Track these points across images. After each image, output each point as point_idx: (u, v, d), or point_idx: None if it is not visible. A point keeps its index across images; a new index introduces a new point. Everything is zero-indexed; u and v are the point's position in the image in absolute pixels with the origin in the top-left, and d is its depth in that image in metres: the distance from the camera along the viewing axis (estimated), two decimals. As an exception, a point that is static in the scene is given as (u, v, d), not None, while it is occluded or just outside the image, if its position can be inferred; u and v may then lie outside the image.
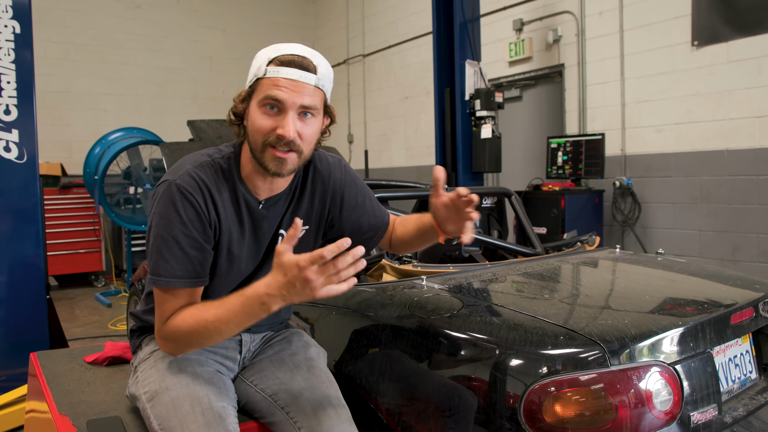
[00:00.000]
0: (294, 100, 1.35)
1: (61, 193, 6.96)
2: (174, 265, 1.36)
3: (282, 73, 1.35)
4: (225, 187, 1.45)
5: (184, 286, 1.38)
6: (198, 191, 1.39)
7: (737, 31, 4.63)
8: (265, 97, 1.35)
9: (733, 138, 4.73)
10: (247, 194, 1.48)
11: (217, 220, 1.43)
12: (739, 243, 4.77)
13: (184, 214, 1.37)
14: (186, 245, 1.37)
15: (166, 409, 1.36)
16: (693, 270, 2.24)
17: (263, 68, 1.37)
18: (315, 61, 1.40)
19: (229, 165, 1.47)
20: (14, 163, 3.28)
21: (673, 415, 1.46)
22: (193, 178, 1.40)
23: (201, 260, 1.40)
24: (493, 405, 1.44)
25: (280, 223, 1.56)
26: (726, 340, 1.68)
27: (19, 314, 3.32)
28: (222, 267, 1.49)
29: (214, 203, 1.42)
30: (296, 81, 1.36)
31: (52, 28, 7.73)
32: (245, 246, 1.51)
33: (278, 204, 1.54)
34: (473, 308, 1.70)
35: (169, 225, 1.37)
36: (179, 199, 1.37)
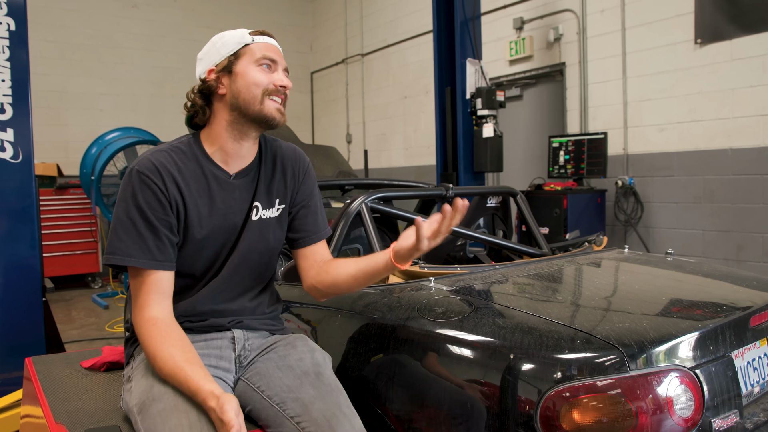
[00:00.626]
0: (281, 60, 1.61)
1: (57, 194, 6.89)
2: (129, 244, 1.45)
3: (266, 40, 1.60)
4: (187, 166, 1.54)
5: (138, 265, 1.45)
6: (156, 173, 1.48)
7: (741, 29, 4.58)
8: (263, 57, 1.56)
9: (737, 137, 4.69)
10: (215, 169, 1.58)
11: (181, 198, 1.51)
12: (743, 243, 4.73)
13: (140, 197, 1.46)
14: (141, 226, 1.45)
15: (154, 422, 1.33)
16: (706, 271, 2.19)
17: (247, 37, 1.57)
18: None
19: (189, 147, 1.58)
20: (9, 163, 3.22)
21: (694, 421, 1.41)
22: (152, 162, 1.49)
23: (157, 242, 1.46)
24: (506, 412, 1.39)
25: (254, 194, 1.63)
26: (745, 343, 1.63)
27: (14, 317, 3.25)
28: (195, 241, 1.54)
29: (176, 182, 1.50)
30: (276, 46, 1.62)
31: (48, 27, 7.66)
32: (218, 217, 1.56)
33: (249, 175, 1.63)
34: (484, 311, 1.65)
35: (126, 207, 1.47)
36: (137, 183, 1.47)
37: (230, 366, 1.58)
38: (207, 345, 1.58)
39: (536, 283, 1.96)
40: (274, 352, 1.61)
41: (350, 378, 1.68)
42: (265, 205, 1.65)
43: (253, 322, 1.67)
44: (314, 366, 1.54)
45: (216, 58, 1.57)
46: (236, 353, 1.61)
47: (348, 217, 2.28)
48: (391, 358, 1.63)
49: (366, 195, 2.36)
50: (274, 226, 1.68)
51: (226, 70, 1.56)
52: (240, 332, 1.63)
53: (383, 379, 1.62)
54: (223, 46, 1.58)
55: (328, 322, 1.92)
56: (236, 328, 1.63)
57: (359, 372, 1.68)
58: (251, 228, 1.62)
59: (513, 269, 2.12)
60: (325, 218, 1.81)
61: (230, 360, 1.59)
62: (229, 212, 1.59)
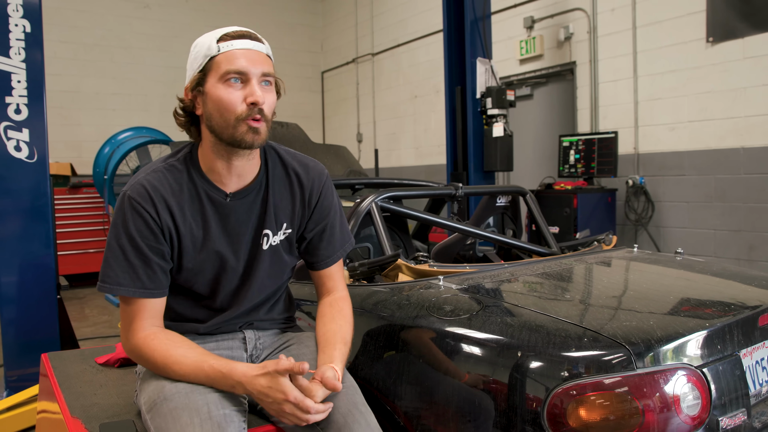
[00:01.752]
0: (255, 68, 1.39)
1: (71, 193, 6.97)
2: (119, 273, 1.40)
3: (236, 45, 1.38)
4: (182, 188, 1.46)
5: (128, 294, 1.40)
6: (147, 199, 1.41)
7: (753, 27, 4.56)
8: (228, 71, 1.37)
9: (749, 136, 4.66)
10: (210, 189, 1.48)
11: (173, 225, 1.44)
12: (755, 242, 4.70)
13: (132, 225, 1.40)
14: (131, 255, 1.40)
15: (164, 420, 1.33)
16: (715, 270, 2.19)
17: (213, 46, 1.38)
18: (258, 36, 1.45)
19: (185, 163, 1.48)
20: (25, 163, 3.27)
21: (701, 419, 1.41)
22: (144, 187, 1.42)
23: (147, 271, 1.41)
24: (514, 409, 1.40)
25: (262, 220, 1.54)
26: (754, 342, 1.63)
27: (29, 314, 3.31)
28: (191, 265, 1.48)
29: (169, 208, 1.43)
30: (251, 50, 1.39)
31: (61, 28, 7.75)
32: (212, 242, 1.49)
33: (249, 197, 1.52)
34: (492, 309, 1.66)
35: (117, 234, 1.41)
36: (128, 210, 1.40)
37: None
38: (218, 345, 1.59)
39: (545, 282, 1.97)
40: (287, 350, 1.63)
41: (360, 375, 1.70)
42: (273, 230, 1.56)
43: (264, 323, 1.68)
44: None
45: (190, 72, 1.43)
46: (248, 353, 1.63)
47: (358, 216, 2.30)
48: (400, 356, 1.65)
49: (376, 194, 2.38)
50: (285, 249, 1.60)
51: (197, 89, 1.42)
52: (251, 332, 1.65)
53: (392, 376, 1.63)
54: (195, 59, 1.42)
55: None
56: (247, 329, 1.64)
57: (369, 369, 1.70)
58: (263, 258, 1.56)
59: (521, 268, 2.13)
60: (344, 232, 1.68)
61: (242, 359, 1.60)
62: (228, 237, 1.51)
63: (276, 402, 1.29)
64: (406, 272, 2.08)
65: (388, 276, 2.12)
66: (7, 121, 3.21)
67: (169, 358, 1.38)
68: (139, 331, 1.42)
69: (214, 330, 1.60)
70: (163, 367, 1.39)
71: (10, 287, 3.26)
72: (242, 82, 1.38)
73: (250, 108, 1.38)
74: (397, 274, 2.08)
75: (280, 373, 1.28)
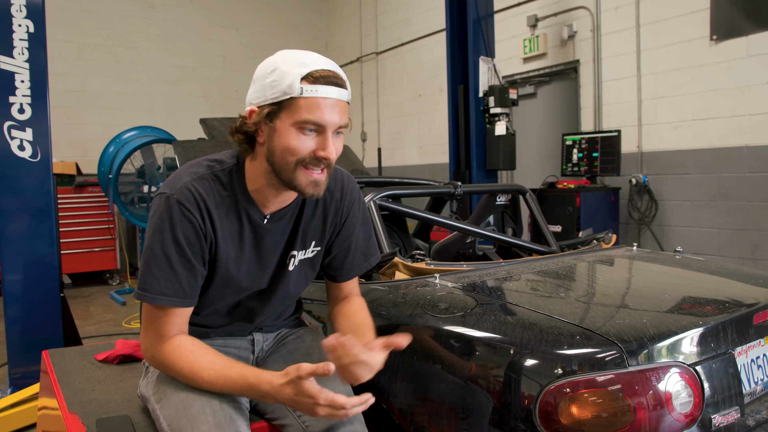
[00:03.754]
0: (334, 121, 1.31)
1: (76, 192, 7.00)
2: (161, 282, 1.34)
3: (321, 92, 1.29)
4: (224, 201, 1.40)
5: (169, 304, 1.35)
6: (195, 206, 1.35)
7: (757, 25, 4.54)
8: (306, 121, 1.28)
9: (753, 134, 4.64)
10: (251, 208, 1.44)
11: (213, 235, 1.39)
12: (759, 241, 4.68)
13: (179, 231, 1.34)
14: (176, 263, 1.34)
15: (175, 409, 1.34)
16: (713, 268, 2.19)
17: (296, 86, 1.27)
18: (342, 75, 1.36)
19: (231, 178, 1.42)
20: (28, 162, 3.29)
21: (693, 417, 1.42)
22: (191, 192, 1.35)
23: (190, 280, 1.37)
24: (507, 406, 1.41)
25: (292, 241, 1.51)
26: (748, 340, 1.63)
27: (33, 312, 3.34)
28: (218, 282, 1.45)
29: (211, 218, 1.38)
30: (336, 100, 1.31)
31: (66, 28, 7.79)
32: (244, 261, 1.46)
33: (284, 219, 1.49)
34: (487, 307, 1.67)
35: (162, 240, 1.34)
36: (176, 215, 1.33)
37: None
38: (226, 343, 1.61)
39: (541, 280, 1.98)
40: (284, 345, 1.65)
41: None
42: (300, 249, 1.54)
43: (272, 327, 1.69)
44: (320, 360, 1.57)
45: (262, 96, 1.32)
46: (255, 354, 1.65)
47: (356, 214, 2.31)
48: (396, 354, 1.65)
49: (375, 193, 2.39)
50: (309, 266, 1.59)
51: (267, 120, 1.32)
52: (260, 335, 1.66)
53: (387, 373, 1.64)
54: (272, 85, 1.30)
55: (335, 317, 1.94)
56: (256, 332, 1.66)
57: (364, 366, 1.71)
58: (287, 277, 1.54)
59: (519, 266, 2.13)
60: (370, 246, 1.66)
61: (248, 360, 1.62)
62: (260, 257, 1.48)
63: (309, 407, 1.26)
64: (403, 270, 2.09)
65: (385, 274, 2.13)
66: (10, 120, 3.23)
67: (195, 366, 1.34)
68: (165, 338, 1.38)
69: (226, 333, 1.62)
70: (191, 374, 1.35)
71: (14, 285, 3.29)
72: (317, 132, 1.32)
73: (317, 160, 1.32)
74: (394, 272, 2.09)
75: (303, 378, 1.24)
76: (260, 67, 1.35)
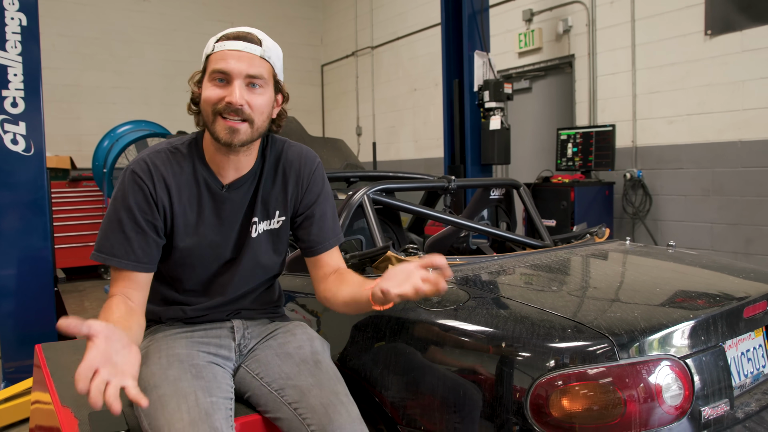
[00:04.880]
0: (239, 69, 1.42)
1: (70, 186, 6.97)
2: (114, 244, 1.44)
3: (228, 45, 1.44)
4: (183, 171, 1.51)
5: (120, 266, 1.44)
6: (148, 174, 1.46)
7: (752, 20, 4.54)
8: (213, 71, 1.43)
9: (747, 129, 4.66)
10: (209, 177, 1.53)
11: (170, 203, 1.49)
12: (752, 236, 4.70)
13: (131, 197, 1.45)
14: (128, 227, 1.44)
15: (153, 407, 1.35)
16: (704, 262, 2.20)
17: (211, 45, 1.46)
18: (260, 36, 1.48)
19: (189, 149, 1.54)
20: (21, 156, 3.28)
21: (683, 409, 1.43)
22: (146, 163, 1.48)
23: (141, 244, 1.45)
24: (499, 399, 1.42)
25: (252, 208, 1.58)
26: (739, 333, 1.64)
27: (27, 307, 3.33)
28: (180, 251, 1.52)
29: (167, 187, 1.48)
30: (240, 51, 1.43)
31: (61, 21, 7.75)
32: (204, 228, 1.54)
33: (243, 187, 1.56)
34: (479, 300, 1.67)
35: (116, 206, 1.46)
36: (129, 183, 1.46)
37: (230, 354, 1.61)
38: (206, 334, 1.61)
39: (534, 274, 1.98)
40: (274, 339, 1.65)
41: (347, 365, 1.71)
42: (262, 218, 1.60)
43: (252, 312, 1.70)
44: (313, 354, 1.58)
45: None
46: (236, 342, 1.64)
47: (350, 208, 2.31)
48: (388, 347, 1.67)
49: (368, 187, 2.39)
50: (276, 237, 1.64)
51: (198, 84, 1.49)
52: (239, 322, 1.66)
53: (380, 366, 1.65)
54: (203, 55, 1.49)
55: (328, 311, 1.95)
56: (235, 319, 1.66)
57: (356, 360, 1.71)
58: (252, 245, 1.59)
59: (511, 260, 2.14)
60: (336, 224, 1.71)
61: (230, 348, 1.62)
62: (220, 225, 1.55)
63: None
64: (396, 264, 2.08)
65: (379, 268, 2.13)
66: (3, 114, 3.22)
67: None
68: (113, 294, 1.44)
69: (202, 317, 1.62)
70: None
71: (7, 280, 3.28)
72: (226, 81, 1.43)
73: (226, 106, 1.42)
74: (387, 266, 2.09)
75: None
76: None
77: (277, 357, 1.57)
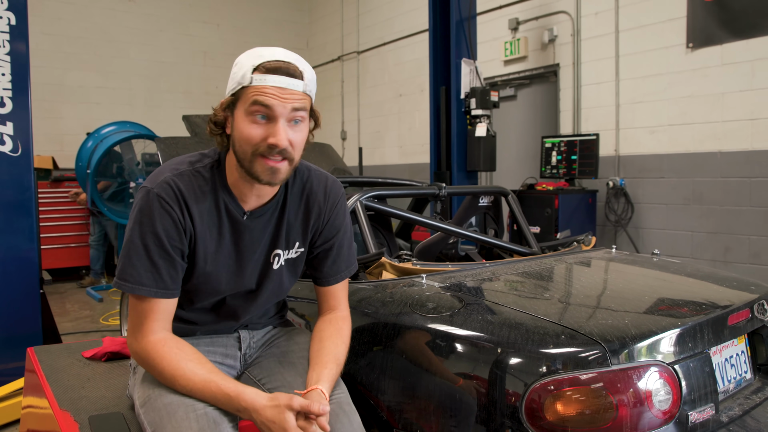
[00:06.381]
0: (284, 109, 1.34)
1: (52, 187, 6.89)
2: (141, 272, 1.37)
3: (269, 81, 1.33)
4: (205, 197, 1.44)
5: (149, 295, 1.38)
6: (175, 200, 1.39)
7: (732, 34, 4.66)
8: (253, 104, 1.33)
9: (726, 140, 4.77)
10: (231, 204, 1.47)
11: (193, 230, 1.42)
12: (730, 244, 4.81)
13: (158, 223, 1.37)
14: (155, 254, 1.38)
15: (159, 415, 1.34)
16: (689, 271, 2.26)
17: (248, 76, 1.34)
18: (300, 67, 1.40)
19: (212, 174, 1.46)
20: (8, 156, 3.26)
21: (671, 414, 1.48)
22: (171, 187, 1.39)
23: (170, 272, 1.40)
24: (494, 403, 1.45)
25: (275, 239, 1.54)
26: (723, 340, 1.70)
27: (12, 308, 3.30)
28: (197, 277, 1.48)
29: (190, 213, 1.41)
30: (284, 88, 1.34)
31: (45, 20, 7.67)
32: (222, 256, 1.49)
33: (264, 216, 1.51)
34: (474, 307, 1.71)
35: (142, 232, 1.37)
36: (156, 208, 1.37)
37: (235, 363, 1.63)
38: (212, 342, 1.62)
39: (525, 281, 2.03)
40: (276, 346, 1.66)
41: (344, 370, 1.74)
42: (284, 249, 1.56)
43: (258, 324, 1.71)
44: None
45: (228, 88, 1.40)
46: (242, 352, 1.66)
47: (343, 214, 2.33)
48: (384, 352, 1.69)
49: (361, 193, 2.42)
50: (294, 265, 1.61)
51: (228, 110, 1.40)
52: (246, 332, 1.67)
53: (376, 371, 1.68)
54: (232, 77, 1.38)
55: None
56: (242, 330, 1.67)
57: (353, 365, 1.74)
58: (273, 277, 1.57)
59: (503, 267, 2.18)
60: (351, 255, 1.67)
61: (236, 358, 1.64)
62: (238, 254, 1.50)
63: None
64: (390, 270, 2.12)
65: (372, 274, 2.16)
66: (-10, 114, 3.20)
67: (177, 370, 1.35)
68: (149, 334, 1.39)
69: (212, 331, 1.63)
70: (171, 378, 1.36)
71: (-7, 281, 3.25)
72: (268, 119, 1.35)
73: (270, 148, 1.35)
74: (381, 271, 2.12)
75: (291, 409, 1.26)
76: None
77: (279, 365, 1.58)
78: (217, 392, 1.33)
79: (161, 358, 1.37)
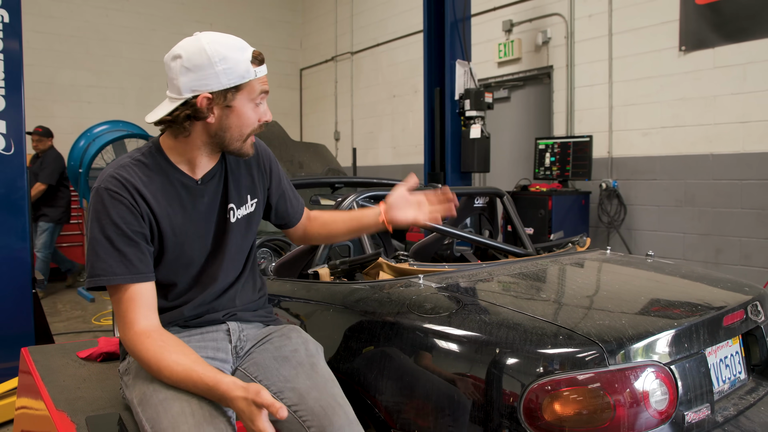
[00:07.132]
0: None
1: (43, 186, 6.84)
2: (111, 263, 1.42)
3: (263, 70, 1.53)
4: (153, 179, 1.52)
5: (125, 281, 1.43)
6: (123, 188, 1.46)
7: (724, 38, 4.70)
8: (261, 93, 1.53)
9: (718, 143, 4.81)
10: (181, 176, 1.57)
11: (150, 211, 1.50)
12: (721, 246, 4.85)
13: (114, 213, 1.44)
14: (119, 243, 1.43)
15: (156, 411, 1.36)
16: (683, 272, 2.28)
17: (251, 70, 1.49)
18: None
19: (152, 157, 1.56)
20: (1, 155, 3.24)
21: (668, 414, 1.49)
22: (116, 178, 1.47)
23: (138, 255, 1.46)
24: (492, 404, 1.46)
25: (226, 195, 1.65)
26: (718, 341, 1.71)
27: (4, 308, 3.28)
28: (171, 253, 1.55)
29: (143, 196, 1.49)
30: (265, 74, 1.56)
31: (36, 18, 7.62)
32: (190, 222, 1.58)
33: (214, 178, 1.63)
34: (471, 307, 1.71)
35: (101, 226, 1.44)
36: (107, 200, 1.44)
37: (227, 357, 1.63)
38: (203, 338, 1.62)
39: (521, 282, 2.03)
40: (270, 343, 1.67)
41: (341, 370, 1.74)
42: (238, 204, 1.67)
43: (247, 314, 1.72)
44: (308, 357, 1.60)
45: (214, 83, 1.45)
46: (232, 344, 1.66)
47: (340, 214, 2.33)
48: (381, 352, 1.69)
49: (357, 193, 2.42)
50: (251, 220, 1.72)
51: (222, 102, 1.49)
52: (234, 324, 1.68)
53: (373, 371, 1.68)
54: (225, 73, 1.45)
55: (319, 316, 1.97)
56: (231, 321, 1.68)
57: (350, 364, 1.74)
58: (233, 230, 1.65)
59: (499, 268, 2.19)
60: (296, 194, 1.90)
61: (227, 351, 1.64)
62: (202, 217, 1.60)
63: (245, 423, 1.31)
64: (387, 271, 2.12)
65: (369, 274, 2.16)
66: (-17, 112, 3.17)
67: (161, 362, 1.38)
68: (134, 323, 1.43)
69: (199, 318, 1.64)
70: (157, 370, 1.40)
71: (-16, 281, 3.23)
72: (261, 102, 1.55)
73: (261, 126, 1.57)
74: (378, 272, 2.13)
75: (257, 405, 1.28)
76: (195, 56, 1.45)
77: (274, 360, 1.59)
78: (198, 381, 1.36)
79: (146, 350, 1.40)
